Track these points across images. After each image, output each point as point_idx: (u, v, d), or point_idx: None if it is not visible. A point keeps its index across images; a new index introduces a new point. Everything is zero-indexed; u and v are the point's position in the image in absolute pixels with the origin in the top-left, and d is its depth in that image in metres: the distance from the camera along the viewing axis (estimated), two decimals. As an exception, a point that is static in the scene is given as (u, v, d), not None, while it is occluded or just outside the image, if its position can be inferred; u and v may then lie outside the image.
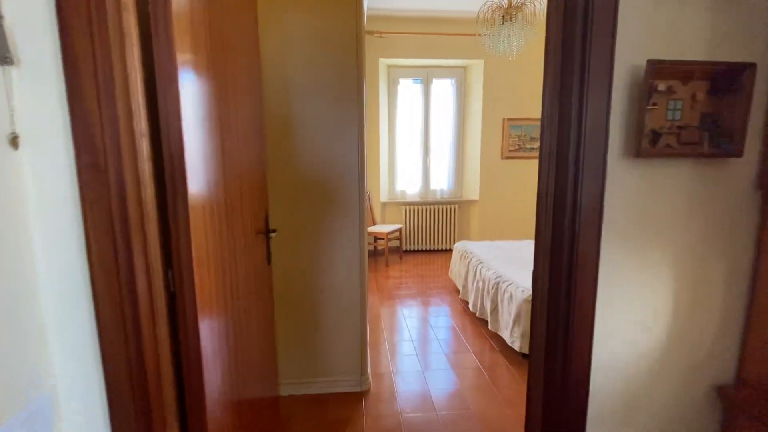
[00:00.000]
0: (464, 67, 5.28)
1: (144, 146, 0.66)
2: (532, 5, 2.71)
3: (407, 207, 5.22)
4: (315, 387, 2.14)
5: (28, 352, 0.65)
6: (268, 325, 1.60)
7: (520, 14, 2.72)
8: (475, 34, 4.82)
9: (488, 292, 2.86)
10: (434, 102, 5.29)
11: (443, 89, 5.32)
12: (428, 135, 5.33)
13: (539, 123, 4.30)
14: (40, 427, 0.64)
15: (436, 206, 5.26)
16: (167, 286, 0.74)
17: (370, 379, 2.26)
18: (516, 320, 2.45)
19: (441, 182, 5.45)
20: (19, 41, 0.61)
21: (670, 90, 0.82)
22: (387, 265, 4.68)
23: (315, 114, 1.92)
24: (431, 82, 5.23)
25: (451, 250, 5.37)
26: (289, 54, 1.87)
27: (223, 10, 1.04)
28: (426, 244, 5.34)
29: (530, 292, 2.44)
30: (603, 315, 0.99)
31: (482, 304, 2.97)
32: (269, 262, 1.52)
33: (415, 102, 5.27)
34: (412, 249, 5.34)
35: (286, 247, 2.00)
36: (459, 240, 5.46)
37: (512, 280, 2.68)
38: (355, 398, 2.11)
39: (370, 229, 4.74)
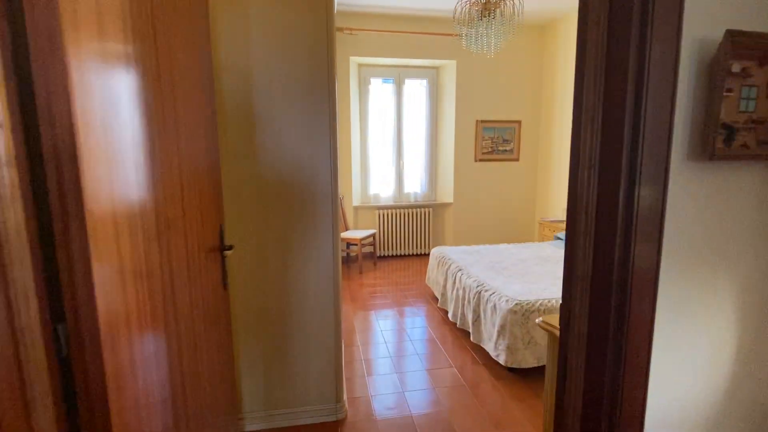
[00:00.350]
0: (437, 68, 5.17)
1: (0, 143, 0.43)
2: (511, 2, 2.60)
3: (381, 211, 5.03)
4: (285, 419, 1.89)
5: None
6: (224, 356, 1.35)
7: (498, 11, 2.61)
8: (448, 35, 4.73)
9: (469, 302, 2.71)
10: (407, 103, 5.14)
11: (416, 90, 5.19)
12: (401, 136, 5.17)
13: (512, 125, 4.18)
14: None
15: (410, 210, 5.10)
16: (53, 350, 0.50)
17: (346, 405, 2.04)
18: (500, 332, 2.31)
19: (415, 185, 5.31)
20: None
21: (745, 73, 0.67)
22: (361, 273, 4.46)
23: (281, 113, 1.69)
24: (403, 82, 5.08)
25: (426, 255, 5.23)
26: (253, 48, 1.63)
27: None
28: (401, 249, 5.17)
29: (515, 301, 2.32)
30: (659, 360, 0.76)
31: (463, 314, 2.83)
32: (225, 284, 1.28)
33: (387, 102, 5.10)
34: (386, 254, 5.15)
35: (248, 263, 1.75)
36: (434, 244, 5.34)
37: (495, 288, 2.54)
38: (330, 429, 1.89)
39: (343, 234, 4.51)
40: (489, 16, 2.59)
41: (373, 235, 4.69)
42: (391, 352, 2.69)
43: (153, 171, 0.77)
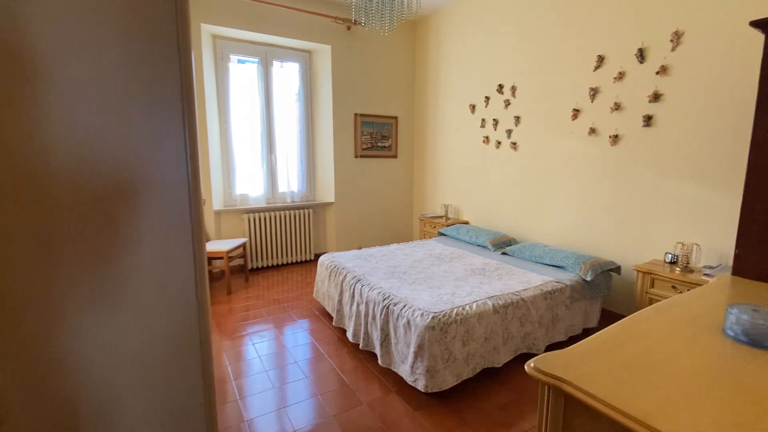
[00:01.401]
0: (310, 52, 4.63)
1: None
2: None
3: (251, 215, 4.23)
4: None
5: None
6: None
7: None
8: (324, 15, 4.23)
9: (375, 319, 2.32)
10: (277, 89, 4.45)
11: (287, 74, 4.54)
12: (271, 128, 4.45)
13: (390, 121, 3.94)
14: None
15: (286, 212, 4.44)
16: None
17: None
18: (418, 353, 1.98)
19: (291, 183, 4.67)
20: None
21: None
22: (229, 293, 3.62)
23: (84, 59, 0.95)
24: (271, 63, 4.37)
25: (308, 262, 4.66)
26: None
27: None
28: (278, 258, 4.47)
29: (431, 314, 2.02)
30: None
31: (367, 333, 2.42)
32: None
33: (252, 87, 4.31)
34: (261, 266, 4.38)
35: (20, 338, 0.96)
36: (316, 250, 4.82)
37: (405, 300, 2.21)
38: None
39: (202, 247, 3.59)
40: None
41: (243, 245, 3.89)
42: (275, 388, 2.11)
43: None
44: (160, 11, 1.02)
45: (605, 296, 2.91)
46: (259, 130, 4.39)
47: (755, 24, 1.47)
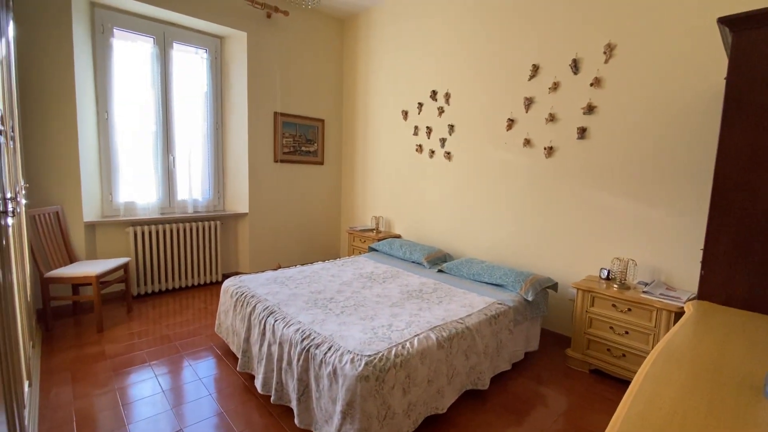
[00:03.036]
0: (221, 38, 3.97)
1: None
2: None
3: (138, 228, 3.40)
4: None
5: None
6: None
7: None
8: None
9: (291, 364, 1.81)
10: (177, 77, 3.71)
11: (191, 61, 3.82)
12: (169, 123, 3.68)
13: (316, 123, 3.39)
14: None
15: (186, 224, 3.68)
16: None
17: None
18: (347, 413, 1.52)
19: (194, 190, 3.90)
20: None
21: None
22: (101, 331, 2.78)
23: None
24: (171, 45, 3.63)
25: (213, 284, 3.92)
26: None
27: None
28: (173, 280, 3.66)
29: (364, 359, 1.58)
30: None
31: (281, 383, 1.89)
32: None
33: (144, 72, 3.52)
34: (150, 292, 3.53)
35: None
36: (225, 269, 4.09)
37: (331, 339, 1.74)
38: None
39: (61, 271, 2.72)
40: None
41: (125, 266, 3.07)
42: None
43: None
44: None
45: (544, 315, 2.75)
46: (153, 126, 3.60)
47: (724, 21, 1.34)
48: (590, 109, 2.67)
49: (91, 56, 3.23)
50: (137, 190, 3.55)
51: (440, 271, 3.08)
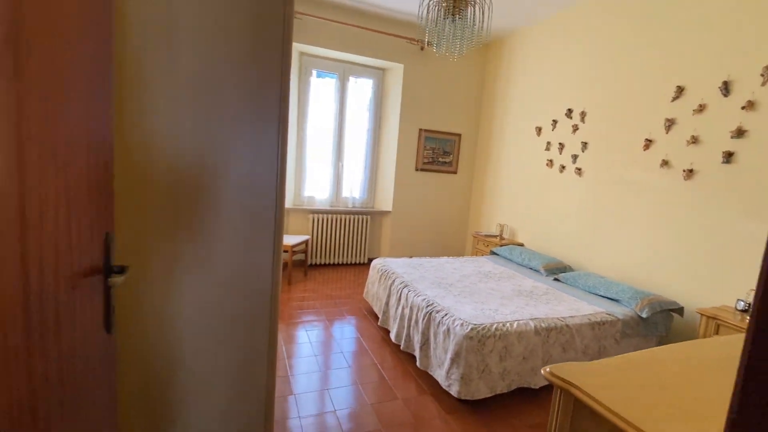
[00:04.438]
0: (383, 70, 4.95)
1: None
2: (480, 5, 2.46)
3: (315, 216, 4.61)
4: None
5: None
6: (106, 421, 0.89)
7: (467, 11, 2.45)
8: (400, 36, 4.54)
9: (417, 323, 2.47)
10: (350, 102, 4.83)
11: (361, 89, 4.90)
12: (342, 137, 4.83)
13: (453, 138, 4.10)
14: None
15: (346, 216, 4.77)
16: None
17: (275, 459, 1.63)
18: (454, 360, 2.10)
19: (354, 190, 4.99)
20: None
21: None
22: (290, 283, 3.99)
23: (213, 90, 1.25)
24: (347, 79, 4.76)
25: (361, 264, 4.93)
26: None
27: None
28: (335, 257, 4.80)
29: (470, 325, 2.13)
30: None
31: (408, 336, 2.58)
32: (110, 325, 0.83)
33: (329, 99, 4.73)
34: (318, 263, 4.73)
35: (149, 294, 1.26)
36: (370, 254, 5.07)
37: (447, 309, 2.34)
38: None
39: (271, 239, 4.01)
40: (456, 16, 2.42)
41: (306, 242, 4.26)
42: (320, 372, 2.33)
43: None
44: (270, 42, 1.30)
45: (662, 336, 2.76)
46: (330, 139, 4.79)
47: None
48: (740, 133, 2.57)
49: (297, 91, 4.54)
50: (316, 187, 4.79)
51: (556, 279, 3.33)
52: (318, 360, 2.54)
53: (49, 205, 0.60)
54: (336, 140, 4.80)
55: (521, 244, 4.45)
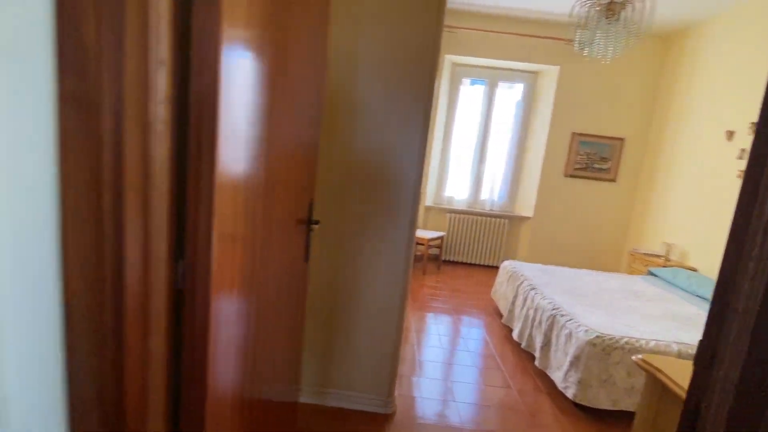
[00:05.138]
0: (536, 73, 4.88)
1: (161, 79, 0.46)
2: (640, 3, 2.32)
3: (452, 215, 4.91)
4: (334, 399, 1.92)
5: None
6: (297, 327, 1.40)
7: (623, 13, 2.35)
8: (555, 38, 4.43)
9: (540, 324, 2.51)
10: (497, 106, 4.94)
11: (507, 94, 4.96)
12: (486, 141, 4.98)
13: (613, 142, 3.79)
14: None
15: (483, 218, 4.90)
16: (172, 282, 0.53)
17: (396, 401, 2.01)
18: (573, 363, 2.10)
19: (493, 193, 5.09)
20: None
21: None
22: (424, 273, 4.40)
23: (379, 102, 1.69)
24: (497, 85, 4.88)
25: (493, 267, 5.00)
26: (361, 31, 1.66)
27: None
28: (467, 256, 5.00)
29: (596, 333, 2.09)
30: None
31: (530, 335, 2.63)
32: (307, 258, 1.32)
33: (476, 104, 4.95)
34: (451, 260, 5.02)
35: (325, 242, 1.80)
36: (504, 258, 5.08)
37: (572, 315, 2.32)
38: (379, 421, 1.87)
39: (412, 232, 4.50)
40: (612, 18, 2.35)
41: (441, 238, 4.59)
42: (444, 359, 2.61)
43: (267, 136, 0.80)
44: (422, 73, 1.66)
45: None
46: (474, 143, 5.00)
47: None
48: None
49: (447, 98, 4.91)
50: (455, 188, 5.08)
51: (730, 311, 2.79)
52: (441, 340, 2.84)
53: (283, 182, 1.06)
54: (480, 144, 4.99)
55: (694, 270, 3.77)
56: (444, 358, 2.62)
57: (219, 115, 0.52)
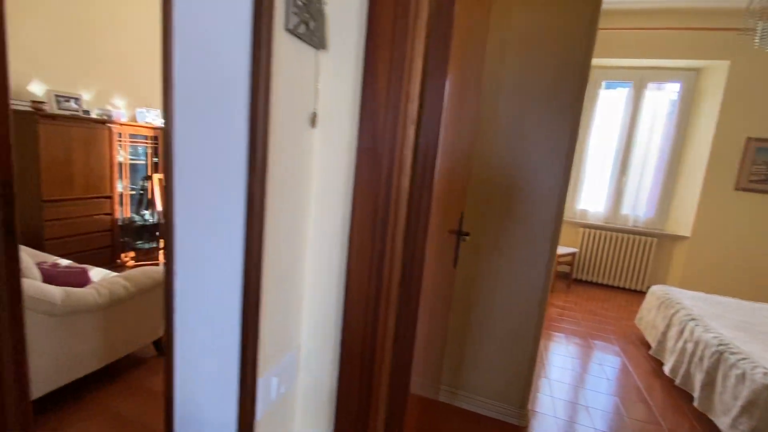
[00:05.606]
0: (697, 70, 4.23)
1: (410, 133, 0.68)
2: None
3: (587, 230, 4.55)
4: (468, 402, 2.04)
5: (290, 318, 0.75)
6: (443, 328, 1.58)
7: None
8: (723, 29, 3.79)
9: (701, 361, 2.20)
10: (644, 110, 4.42)
11: (658, 95, 4.39)
12: (629, 150, 4.50)
13: None
14: (289, 374, 0.74)
15: (625, 235, 4.42)
16: (403, 265, 0.75)
17: (529, 415, 2.02)
18: (746, 409, 1.80)
19: (637, 207, 4.54)
20: (332, 28, 0.69)
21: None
22: (552, 291, 4.18)
23: (523, 119, 1.79)
24: (645, 86, 4.38)
25: (636, 291, 4.45)
26: (508, 49, 1.78)
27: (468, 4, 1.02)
28: (603, 276, 4.56)
29: (781, 378, 1.76)
30: None
31: (688, 371, 2.32)
32: (455, 265, 1.48)
33: (617, 109, 4.51)
34: (584, 279, 4.64)
35: (470, 251, 1.94)
36: (650, 282, 4.49)
37: (747, 354, 1.99)
38: (512, 431, 1.92)
39: (538, 246, 4.32)
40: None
41: (573, 255, 4.30)
42: (575, 382, 2.48)
43: (446, 158, 0.99)
44: (568, 88, 1.69)
45: None
46: (614, 152, 4.56)
47: None
48: None
49: (585, 103, 4.59)
50: (590, 201, 4.69)
51: None
52: (573, 362, 2.70)
53: (449, 192, 1.25)
54: (621, 153, 4.53)
55: None
56: (575, 381, 2.49)
57: (437, 156, 0.72)
